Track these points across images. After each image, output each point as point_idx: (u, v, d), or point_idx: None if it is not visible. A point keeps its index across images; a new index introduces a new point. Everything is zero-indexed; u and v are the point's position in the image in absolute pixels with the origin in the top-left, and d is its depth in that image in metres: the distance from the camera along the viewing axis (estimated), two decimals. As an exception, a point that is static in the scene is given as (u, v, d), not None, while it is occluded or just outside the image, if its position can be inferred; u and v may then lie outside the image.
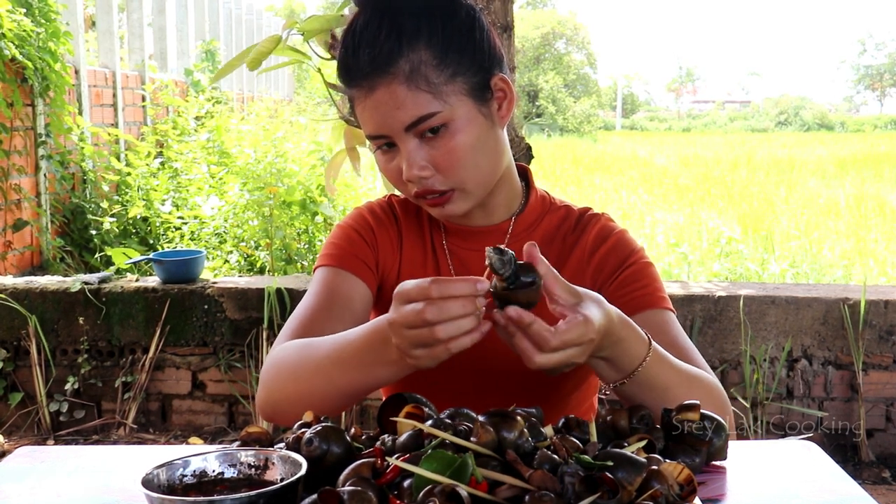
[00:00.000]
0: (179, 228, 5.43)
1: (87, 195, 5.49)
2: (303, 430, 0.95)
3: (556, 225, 1.33)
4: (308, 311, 1.24)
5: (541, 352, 0.95)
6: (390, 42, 1.12)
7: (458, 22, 1.16)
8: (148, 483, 0.84)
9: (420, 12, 1.14)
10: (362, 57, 1.13)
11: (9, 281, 3.67)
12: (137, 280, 3.64)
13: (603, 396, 1.12)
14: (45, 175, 5.10)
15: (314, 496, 0.81)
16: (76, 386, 3.56)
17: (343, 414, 3.47)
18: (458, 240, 1.32)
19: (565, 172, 13.90)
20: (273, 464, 0.89)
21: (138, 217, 5.56)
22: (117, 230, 5.40)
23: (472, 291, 0.92)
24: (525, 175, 1.35)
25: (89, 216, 5.36)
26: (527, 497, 0.78)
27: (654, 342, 1.08)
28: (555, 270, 0.99)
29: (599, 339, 0.99)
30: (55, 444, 3.48)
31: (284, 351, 1.17)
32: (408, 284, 0.95)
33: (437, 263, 1.33)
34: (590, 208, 1.35)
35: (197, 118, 6.96)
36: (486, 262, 0.93)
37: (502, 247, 0.93)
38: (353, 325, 1.22)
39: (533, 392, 1.27)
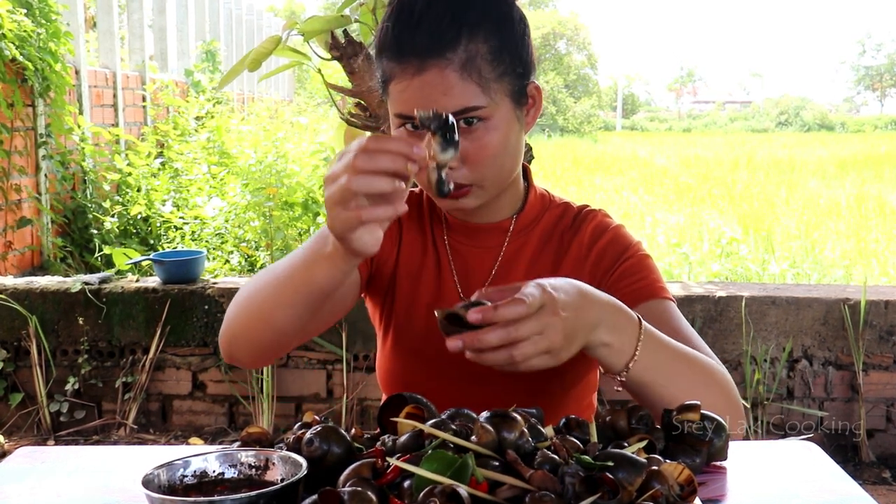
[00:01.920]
0: (180, 229, 5.43)
1: (88, 195, 5.49)
2: (303, 430, 0.96)
3: (554, 222, 1.34)
4: None
5: (511, 347, 0.95)
6: (453, 29, 1.13)
7: (513, 25, 1.18)
8: (148, 483, 0.84)
9: (483, 8, 1.15)
10: (421, 35, 1.13)
11: (9, 281, 3.67)
12: (138, 280, 3.64)
13: (618, 389, 1.11)
14: (45, 175, 5.10)
15: (314, 497, 0.81)
16: (76, 386, 3.56)
17: (343, 414, 3.47)
18: (460, 236, 1.33)
19: (566, 173, 13.91)
20: (273, 464, 0.89)
21: (139, 217, 5.56)
22: (118, 230, 5.40)
23: (406, 150, 0.93)
24: (525, 173, 1.35)
25: (90, 216, 5.36)
26: (527, 497, 0.78)
27: (644, 322, 1.08)
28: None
29: (571, 301, 0.99)
30: (55, 444, 3.48)
31: (247, 283, 1.21)
32: (360, 138, 0.97)
33: (438, 257, 1.34)
34: (587, 205, 1.36)
35: (197, 118, 6.96)
36: (420, 123, 0.98)
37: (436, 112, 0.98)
38: (347, 295, 1.28)
39: (532, 390, 1.27)
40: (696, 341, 1.20)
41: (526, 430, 0.88)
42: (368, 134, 2.00)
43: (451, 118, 0.98)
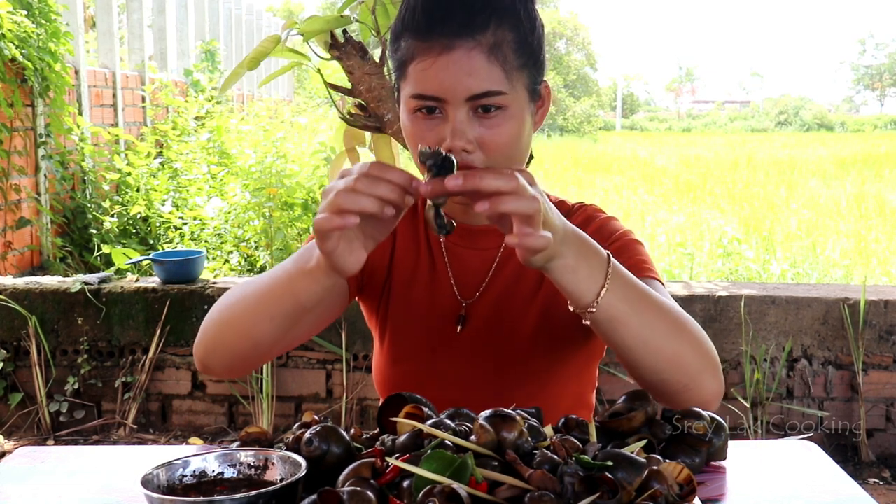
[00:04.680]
0: (179, 228, 5.43)
1: (88, 195, 5.49)
2: (302, 430, 0.96)
3: None
4: None
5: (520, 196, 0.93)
6: (485, 13, 1.13)
7: (536, 21, 1.20)
8: (148, 483, 0.84)
9: (512, 0, 1.17)
10: (452, 16, 1.13)
11: (9, 281, 3.67)
12: (137, 280, 3.64)
13: (586, 322, 1.05)
14: (45, 175, 5.10)
15: (314, 496, 0.81)
16: (76, 386, 3.56)
17: (343, 414, 3.47)
18: (456, 238, 1.32)
19: (566, 173, 13.91)
20: (273, 464, 0.89)
21: (138, 217, 5.56)
22: (117, 230, 5.39)
23: (405, 182, 0.94)
24: None
25: (89, 216, 5.36)
26: (526, 497, 0.78)
27: (615, 260, 1.05)
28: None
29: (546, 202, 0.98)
30: (55, 444, 3.48)
31: (225, 295, 1.20)
32: (368, 162, 0.97)
33: (433, 260, 1.33)
34: (582, 202, 1.37)
35: (197, 118, 6.95)
36: (419, 159, 0.97)
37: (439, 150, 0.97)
38: (334, 303, 1.26)
39: (529, 393, 1.26)
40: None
41: (525, 429, 0.88)
42: (370, 157, 1.99)
43: (451, 156, 0.96)
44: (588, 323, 1.04)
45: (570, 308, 1.05)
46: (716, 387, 1.09)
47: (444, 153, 0.96)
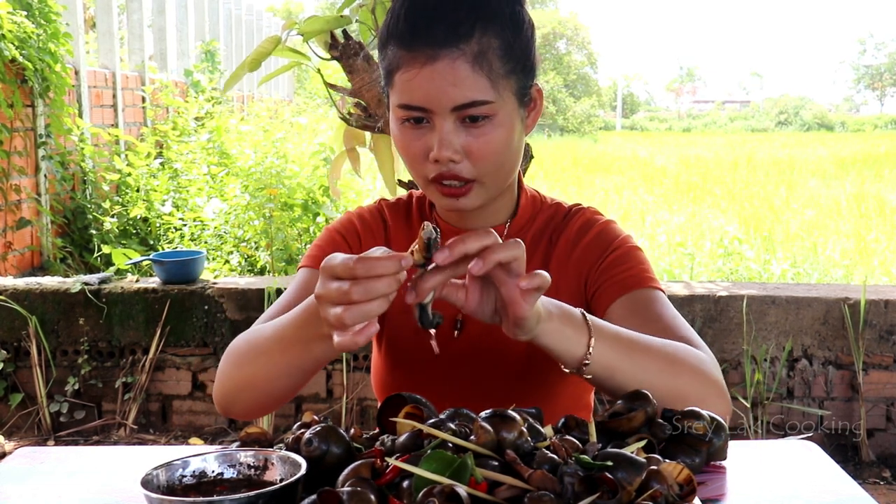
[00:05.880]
0: (180, 229, 5.43)
1: (88, 196, 5.50)
2: (302, 430, 0.95)
3: (545, 223, 1.33)
4: (278, 308, 1.24)
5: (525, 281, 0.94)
6: (469, 20, 1.12)
7: (523, 25, 1.18)
8: (147, 483, 0.84)
9: (497, 4, 1.15)
10: (435, 24, 1.12)
11: (9, 282, 3.67)
12: (138, 281, 3.64)
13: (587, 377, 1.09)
14: (45, 176, 5.10)
15: (314, 497, 0.81)
16: (76, 387, 3.56)
17: (343, 414, 3.47)
18: None
19: (566, 172, 13.91)
20: (272, 464, 0.89)
21: (138, 217, 5.56)
22: (117, 230, 5.40)
23: (397, 270, 0.91)
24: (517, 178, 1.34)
25: (90, 217, 5.36)
26: (526, 497, 0.78)
27: (591, 317, 1.06)
28: None
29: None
30: (55, 444, 3.48)
31: (237, 341, 1.19)
32: (334, 259, 0.93)
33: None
34: (578, 204, 1.35)
35: (197, 119, 6.95)
36: (423, 237, 0.93)
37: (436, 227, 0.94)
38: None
39: (527, 395, 1.26)
40: (679, 329, 1.18)
41: (525, 429, 0.88)
42: (370, 157, 1.99)
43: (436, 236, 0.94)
44: (588, 377, 1.07)
45: (566, 370, 1.07)
46: (722, 407, 1.10)
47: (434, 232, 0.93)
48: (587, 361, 1.04)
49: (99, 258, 5.09)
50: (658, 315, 1.19)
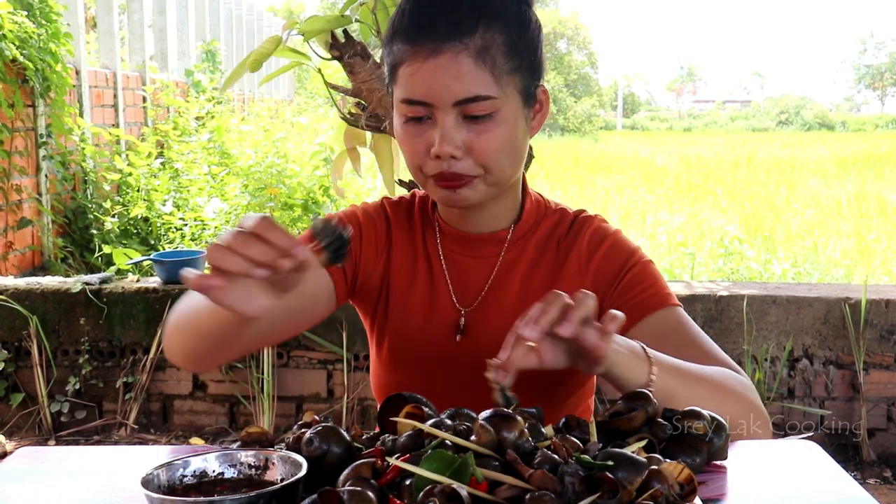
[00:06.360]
0: (180, 229, 5.43)
1: (88, 196, 5.50)
2: (303, 430, 0.95)
3: (550, 230, 1.31)
4: None
5: (600, 334, 1.00)
6: (473, 15, 1.12)
7: (529, 23, 1.18)
8: (148, 483, 0.84)
9: (502, 1, 1.15)
10: (439, 18, 1.12)
11: (10, 281, 3.67)
12: (138, 280, 3.64)
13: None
14: (46, 175, 5.10)
15: (314, 496, 0.81)
16: (77, 386, 3.57)
17: (344, 414, 3.47)
18: (455, 245, 1.30)
19: (566, 172, 13.90)
20: (273, 464, 0.89)
21: (139, 217, 5.56)
22: (118, 230, 5.40)
23: (285, 246, 0.87)
24: (521, 182, 1.34)
25: (90, 216, 5.36)
26: (527, 497, 0.78)
27: (648, 349, 1.09)
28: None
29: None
30: (56, 444, 3.48)
31: (181, 299, 1.21)
32: (256, 215, 0.91)
33: (430, 266, 1.31)
34: (584, 211, 1.34)
35: (197, 118, 6.96)
36: (311, 231, 0.91)
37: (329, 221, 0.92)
38: (299, 312, 1.25)
39: (529, 399, 1.26)
40: (709, 346, 1.22)
41: (526, 429, 0.88)
42: (370, 157, 2.00)
43: (344, 233, 0.91)
44: None
45: None
46: (765, 431, 1.15)
47: (337, 229, 0.90)
48: (651, 389, 1.06)
49: (100, 258, 5.09)
50: (691, 339, 1.22)
